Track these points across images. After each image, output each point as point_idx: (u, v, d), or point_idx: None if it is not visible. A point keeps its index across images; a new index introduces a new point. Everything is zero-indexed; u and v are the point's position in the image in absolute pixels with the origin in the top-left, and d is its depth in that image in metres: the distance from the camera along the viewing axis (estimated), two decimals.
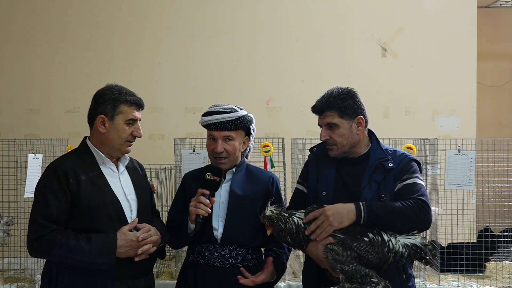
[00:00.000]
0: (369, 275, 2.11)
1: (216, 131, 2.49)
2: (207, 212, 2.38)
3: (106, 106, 2.32)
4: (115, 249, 2.21)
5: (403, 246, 2.17)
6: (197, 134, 5.03)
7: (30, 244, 2.22)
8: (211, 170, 2.42)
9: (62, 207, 2.22)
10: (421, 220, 2.21)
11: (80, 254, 2.17)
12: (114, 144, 2.34)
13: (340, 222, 2.17)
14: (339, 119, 2.34)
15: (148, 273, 2.44)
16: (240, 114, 2.49)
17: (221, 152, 2.48)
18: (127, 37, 5.26)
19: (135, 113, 2.37)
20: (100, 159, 2.35)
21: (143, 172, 2.56)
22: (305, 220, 2.25)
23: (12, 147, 3.50)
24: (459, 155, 3.39)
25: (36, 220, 2.21)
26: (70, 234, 2.20)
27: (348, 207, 2.19)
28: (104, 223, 2.26)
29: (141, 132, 2.40)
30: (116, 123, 2.32)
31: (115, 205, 2.30)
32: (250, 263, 2.51)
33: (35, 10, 5.27)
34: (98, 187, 2.28)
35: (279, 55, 5.27)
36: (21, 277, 3.53)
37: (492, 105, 6.42)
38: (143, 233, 2.29)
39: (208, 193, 2.40)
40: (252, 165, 2.71)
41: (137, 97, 2.39)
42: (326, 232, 2.18)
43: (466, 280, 3.44)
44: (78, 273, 2.23)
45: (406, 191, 2.26)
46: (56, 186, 2.22)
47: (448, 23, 5.26)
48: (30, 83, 5.26)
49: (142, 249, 2.27)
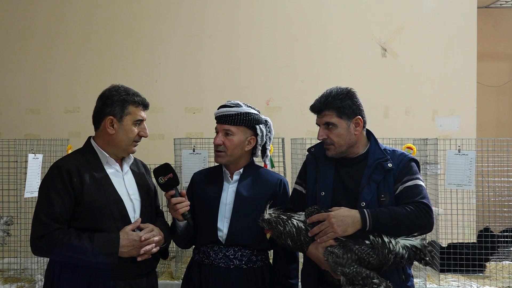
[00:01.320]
0: (370, 277, 2.11)
1: (219, 123, 2.53)
2: (187, 205, 2.41)
3: (114, 107, 2.34)
4: (118, 248, 2.21)
5: (403, 248, 2.18)
6: (197, 134, 5.03)
7: (33, 242, 2.24)
8: (159, 173, 2.40)
9: (66, 206, 2.23)
10: (424, 224, 2.23)
11: (83, 253, 2.18)
12: (122, 144, 2.36)
13: (345, 231, 2.19)
14: (337, 119, 2.34)
15: (151, 273, 2.44)
16: (243, 110, 2.50)
17: (218, 144, 2.50)
18: (127, 37, 5.26)
19: (142, 114, 2.40)
20: (104, 159, 2.36)
21: (147, 172, 2.57)
22: (308, 221, 2.26)
23: (12, 147, 3.50)
24: (459, 155, 3.39)
25: (39, 219, 2.22)
26: (73, 233, 2.21)
27: (354, 216, 2.19)
28: (107, 222, 2.26)
29: (147, 132, 2.43)
30: (124, 124, 2.35)
31: (118, 205, 2.30)
32: (255, 265, 2.51)
33: (35, 10, 5.27)
34: (102, 186, 2.29)
35: (279, 55, 5.26)
36: (21, 277, 3.53)
37: (492, 105, 6.42)
38: (146, 233, 2.29)
39: (174, 192, 2.40)
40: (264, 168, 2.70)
41: (143, 97, 2.42)
42: (328, 237, 2.20)
43: (466, 280, 3.44)
44: (81, 273, 2.24)
45: (408, 194, 2.27)
46: (59, 185, 2.23)
47: (448, 23, 5.26)
48: (30, 83, 5.25)
49: (144, 249, 2.27)
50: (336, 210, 2.23)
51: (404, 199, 2.26)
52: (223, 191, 2.54)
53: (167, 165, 2.42)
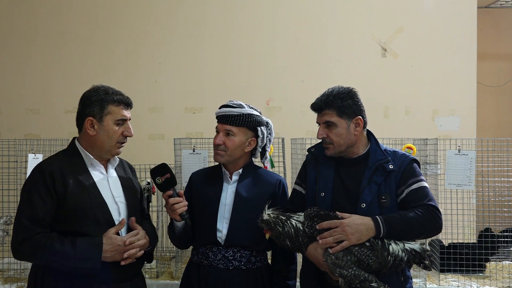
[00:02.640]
0: (368, 280, 2.10)
1: (220, 123, 2.52)
2: (185, 205, 2.39)
3: (93, 107, 2.28)
4: (101, 254, 2.16)
5: (402, 251, 2.18)
6: (197, 134, 5.03)
7: (14, 246, 2.18)
8: (156, 174, 2.36)
9: (48, 209, 2.17)
10: (434, 227, 2.23)
11: (65, 258, 2.13)
12: (105, 145, 2.30)
13: (359, 239, 2.16)
14: (337, 118, 2.33)
15: (136, 277, 2.38)
16: (245, 111, 2.49)
17: (218, 144, 2.49)
18: (128, 37, 5.26)
19: (124, 112, 2.32)
20: (89, 160, 2.31)
21: (133, 174, 2.52)
22: (318, 227, 2.21)
23: (12, 147, 3.50)
24: (459, 155, 3.39)
25: (21, 222, 2.17)
26: (55, 238, 2.16)
27: (367, 224, 2.16)
28: (91, 226, 2.21)
29: (132, 132, 2.35)
30: (105, 124, 2.28)
31: (102, 208, 2.25)
32: (254, 266, 2.51)
33: (36, 10, 5.27)
34: (85, 189, 2.23)
35: (279, 55, 5.26)
36: (21, 277, 3.52)
37: (492, 105, 6.42)
38: (131, 237, 2.25)
39: (172, 193, 2.38)
40: (262, 168, 2.70)
41: (125, 96, 2.35)
42: (341, 247, 2.16)
43: (466, 280, 3.44)
44: (64, 277, 2.18)
45: (414, 197, 2.26)
46: (42, 187, 2.18)
47: (448, 23, 5.26)
48: (30, 83, 5.25)
49: (128, 253, 2.22)
50: (348, 218, 2.18)
51: (411, 203, 2.25)
52: (222, 191, 2.53)
53: (164, 165, 2.38)
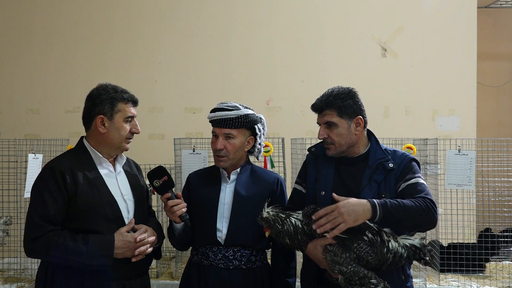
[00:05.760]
0: (367, 277, 2.10)
1: (217, 128, 2.50)
2: (184, 207, 2.38)
3: (104, 106, 2.32)
4: (113, 250, 2.21)
5: (402, 247, 2.16)
6: (197, 134, 5.03)
7: (26, 244, 2.21)
8: (154, 177, 2.37)
9: (59, 208, 2.21)
10: (429, 220, 2.20)
11: (78, 255, 2.16)
12: (115, 142, 2.34)
13: (355, 220, 2.11)
14: (338, 118, 2.33)
15: (144, 274, 2.44)
16: (242, 112, 2.48)
17: (220, 149, 2.48)
18: (127, 37, 5.26)
19: (132, 110, 2.38)
20: (98, 159, 2.34)
21: (139, 172, 2.56)
22: (314, 216, 2.19)
23: (12, 147, 3.50)
24: (459, 155, 3.39)
25: (33, 221, 2.19)
26: (67, 235, 2.19)
27: (364, 206, 2.12)
28: (101, 223, 2.25)
29: (139, 128, 2.41)
30: (115, 121, 2.33)
31: (112, 206, 2.29)
32: (254, 265, 2.51)
33: (35, 10, 5.27)
34: (95, 187, 2.28)
35: (279, 55, 5.26)
36: (21, 277, 3.53)
37: (492, 105, 6.42)
38: (141, 234, 2.29)
39: (170, 195, 2.37)
40: (257, 166, 2.70)
41: (132, 94, 2.40)
42: (339, 230, 2.11)
43: (466, 280, 3.44)
44: (74, 273, 2.22)
45: (411, 191, 2.25)
46: (53, 186, 2.21)
47: (448, 23, 5.26)
48: (30, 83, 5.25)
49: (139, 250, 2.27)
50: (343, 201, 2.15)
51: (408, 196, 2.24)
52: (221, 191, 2.53)
53: (161, 168, 2.39)
